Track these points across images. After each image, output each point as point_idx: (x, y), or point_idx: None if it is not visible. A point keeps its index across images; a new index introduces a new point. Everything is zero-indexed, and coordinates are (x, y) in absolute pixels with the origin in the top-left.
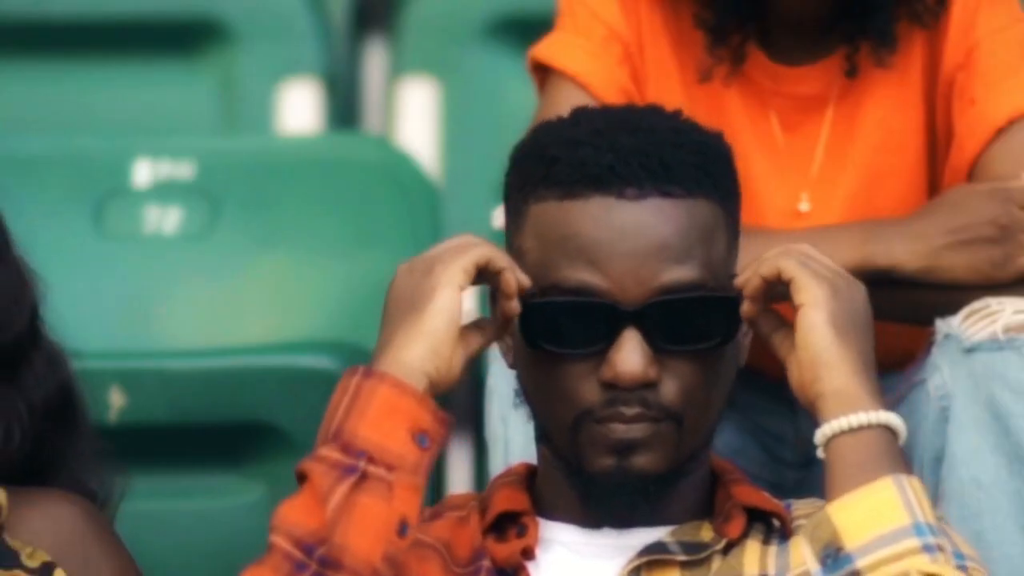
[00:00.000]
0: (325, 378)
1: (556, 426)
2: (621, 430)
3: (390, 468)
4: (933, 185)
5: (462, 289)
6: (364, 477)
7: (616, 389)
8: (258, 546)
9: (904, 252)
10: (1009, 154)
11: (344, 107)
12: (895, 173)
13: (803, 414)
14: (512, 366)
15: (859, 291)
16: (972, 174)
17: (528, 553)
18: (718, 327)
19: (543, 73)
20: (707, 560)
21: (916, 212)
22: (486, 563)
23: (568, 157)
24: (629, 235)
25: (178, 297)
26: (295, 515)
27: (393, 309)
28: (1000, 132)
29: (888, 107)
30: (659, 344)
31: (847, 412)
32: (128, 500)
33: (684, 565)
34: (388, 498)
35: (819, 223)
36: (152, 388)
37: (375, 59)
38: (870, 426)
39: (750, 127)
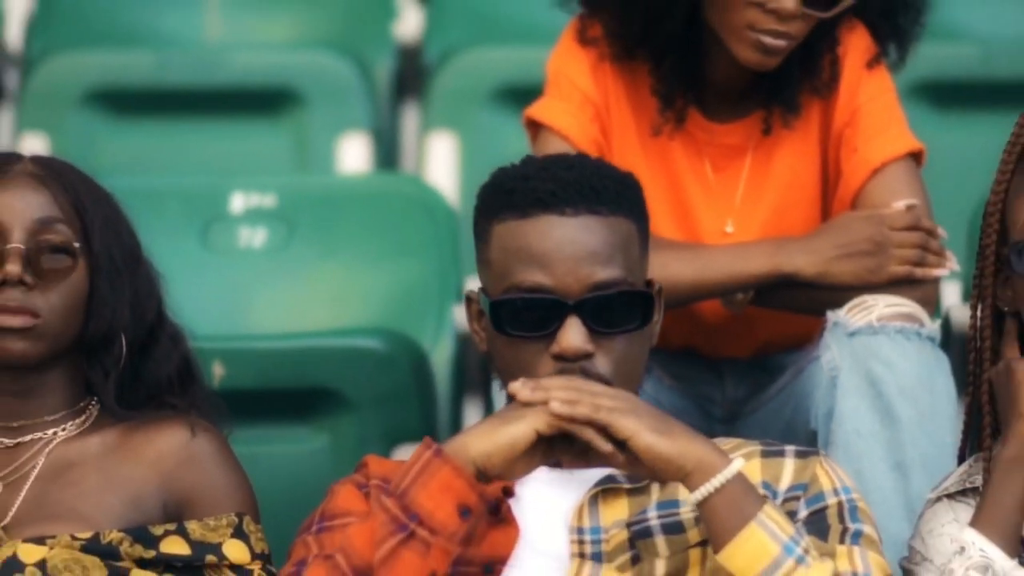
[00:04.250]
0: (372, 355)
1: None
2: None
3: (432, 532)
4: (825, 213)
5: (537, 432)
6: (411, 535)
7: (563, 361)
8: (320, 481)
9: (803, 262)
10: (882, 188)
11: (387, 154)
12: (798, 204)
13: (728, 383)
14: (485, 351)
15: (636, 397)
16: (854, 204)
17: (508, 491)
18: (637, 315)
19: (535, 128)
20: (647, 488)
21: (812, 232)
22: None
23: (522, 187)
24: (568, 244)
25: (263, 295)
26: (358, 542)
27: (497, 412)
28: (875, 172)
29: (793, 156)
30: (594, 327)
31: (709, 478)
32: None
33: (630, 492)
34: (425, 555)
35: (740, 240)
36: (244, 362)
37: (410, 118)
38: (729, 481)
39: (689, 169)
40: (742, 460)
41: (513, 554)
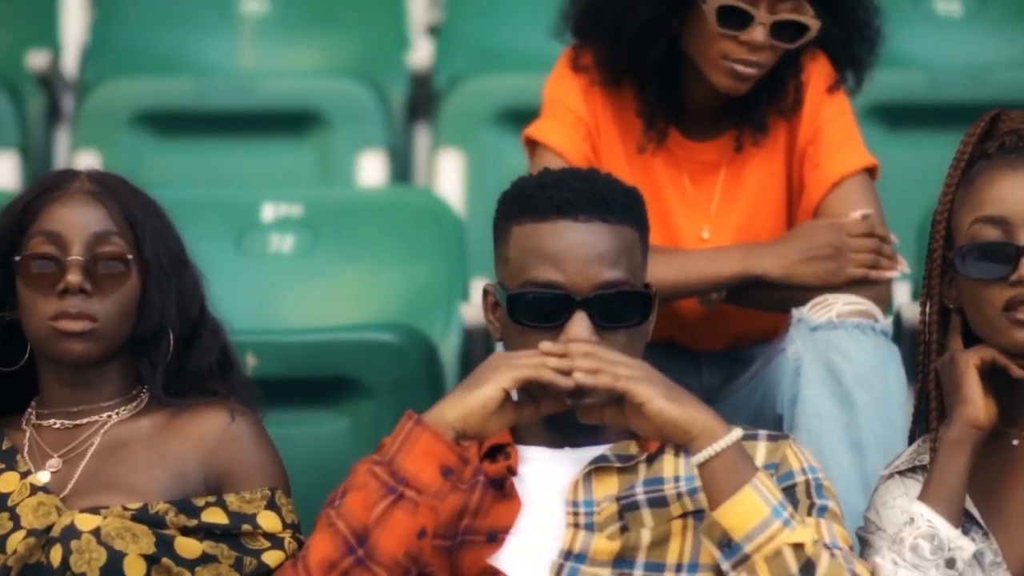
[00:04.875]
0: (388, 347)
1: None
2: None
3: (419, 492)
4: (790, 221)
5: (506, 391)
6: (401, 497)
7: None
8: (341, 460)
9: (771, 264)
10: (841, 200)
11: (401, 169)
12: (766, 213)
13: (705, 371)
14: (499, 339)
15: (650, 366)
16: (816, 213)
17: (512, 469)
18: (637, 312)
19: (532, 145)
20: (635, 467)
21: (779, 238)
22: (482, 478)
23: (540, 195)
24: (579, 246)
25: (291, 294)
26: (355, 509)
27: (463, 381)
28: (834, 185)
29: (761, 171)
30: (598, 322)
31: (711, 443)
32: None
33: (620, 470)
34: (414, 513)
35: (714, 245)
36: (274, 354)
37: (422, 137)
38: (729, 447)
39: (669, 182)
40: (740, 430)
41: (515, 524)
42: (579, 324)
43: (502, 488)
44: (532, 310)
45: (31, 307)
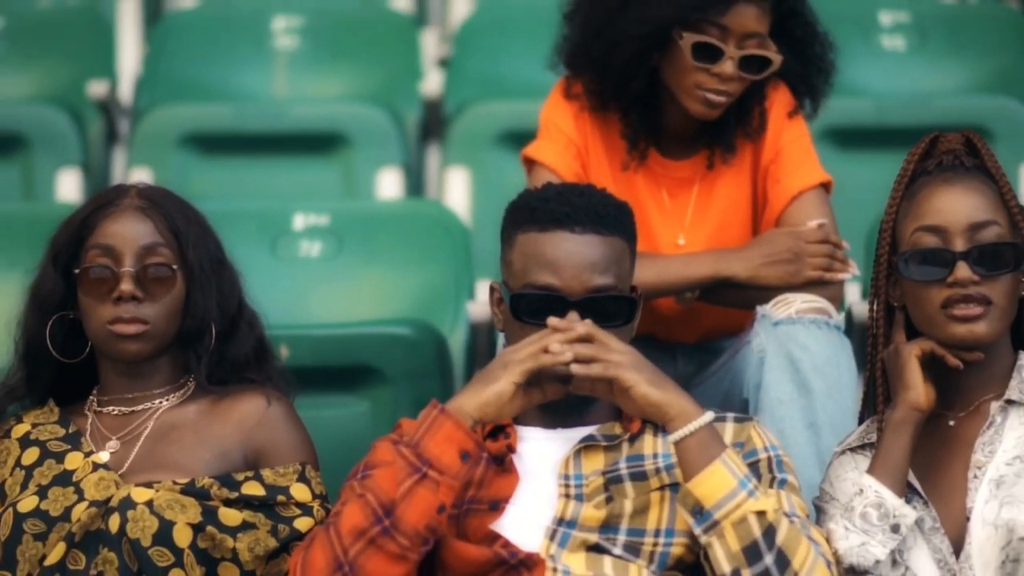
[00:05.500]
0: (403, 340)
1: None
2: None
3: (440, 473)
4: (755, 229)
5: (517, 384)
6: (424, 476)
7: None
8: (363, 438)
9: (738, 267)
10: (799, 211)
11: (414, 184)
12: (734, 223)
13: (680, 360)
14: (501, 330)
15: (638, 353)
16: (778, 223)
17: (511, 447)
18: (623, 314)
19: (530, 163)
20: (619, 445)
21: (744, 244)
22: (485, 455)
23: (543, 207)
24: (575, 254)
25: (318, 293)
26: (384, 484)
27: (479, 373)
28: (794, 198)
29: (730, 186)
30: (592, 321)
31: (686, 423)
32: None
33: (606, 448)
34: (435, 491)
35: (689, 251)
36: (304, 346)
37: (433, 156)
38: (702, 427)
39: (649, 196)
40: (712, 413)
41: (514, 495)
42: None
43: (502, 463)
44: (531, 309)
45: (90, 312)
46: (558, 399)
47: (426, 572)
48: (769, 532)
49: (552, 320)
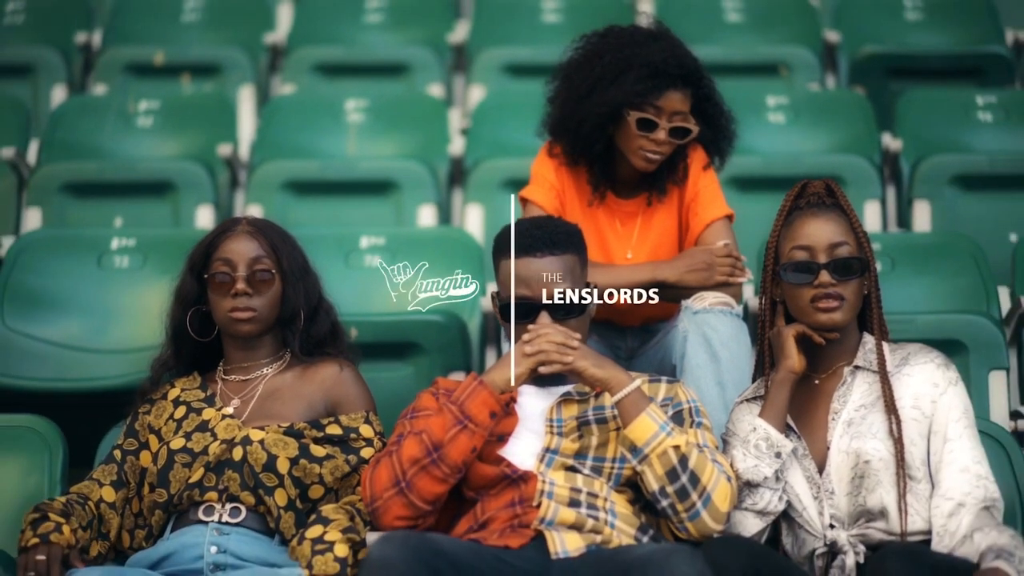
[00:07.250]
0: (437, 324)
1: None
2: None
3: (476, 426)
4: (681, 247)
5: (526, 371)
6: (464, 427)
7: None
8: (409, 392)
9: (669, 273)
10: (711, 235)
11: (445, 216)
12: (665, 243)
13: (628, 338)
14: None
15: (589, 348)
16: (696, 243)
17: (513, 399)
18: (577, 309)
19: (524, 201)
20: (588, 399)
21: (673, 258)
22: None
23: (516, 239)
24: (541, 273)
25: (377, 292)
26: (436, 430)
27: (503, 357)
28: (707, 226)
29: (663, 218)
30: (555, 317)
31: (621, 389)
32: None
33: (578, 401)
34: (471, 438)
35: (634, 262)
36: (367, 328)
37: (458, 197)
38: (632, 391)
39: (607, 224)
40: (639, 381)
41: (515, 431)
42: (543, 320)
43: (507, 409)
44: (514, 314)
45: (216, 304)
46: (544, 375)
47: (455, 485)
48: (683, 460)
49: (543, 324)
